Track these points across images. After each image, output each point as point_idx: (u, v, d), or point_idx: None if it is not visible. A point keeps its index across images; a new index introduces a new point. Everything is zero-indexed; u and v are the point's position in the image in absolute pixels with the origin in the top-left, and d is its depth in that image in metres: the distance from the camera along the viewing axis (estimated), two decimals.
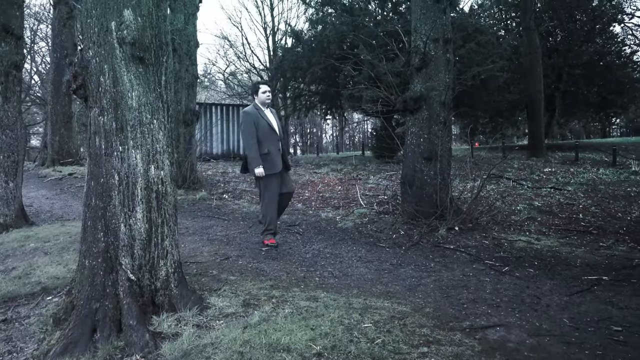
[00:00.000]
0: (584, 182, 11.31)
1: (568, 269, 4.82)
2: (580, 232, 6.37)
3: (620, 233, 6.31)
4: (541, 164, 14.90)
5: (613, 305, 3.87)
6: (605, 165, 14.92)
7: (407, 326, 3.30)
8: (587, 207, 8.25)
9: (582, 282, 4.41)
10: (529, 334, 3.28)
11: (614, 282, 4.42)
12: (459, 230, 6.16)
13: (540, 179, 11.90)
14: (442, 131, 6.50)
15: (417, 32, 6.79)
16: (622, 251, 5.44)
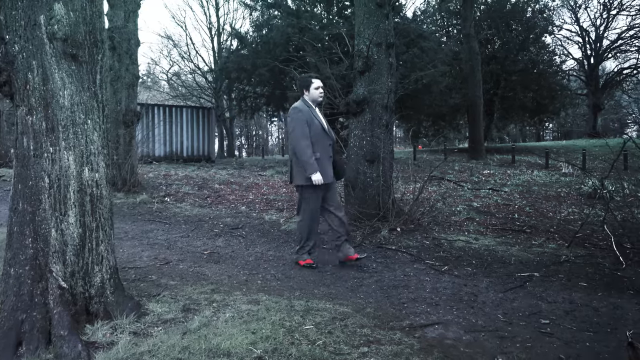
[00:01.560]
0: (519, 184, 11.86)
1: (503, 266, 5.02)
2: (515, 232, 6.65)
3: (551, 231, 6.64)
4: (481, 166, 15.49)
5: (542, 299, 4.06)
6: (539, 167, 15.71)
7: (348, 327, 3.33)
8: (522, 207, 8.63)
9: (515, 279, 4.59)
10: (465, 331, 3.39)
11: (544, 277, 4.64)
12: (401, 231, 6.28)
13: (479, 180, 12.36)
14: (385, 134, 6.62)
15: (361, 36, 6.88)
16: (551, 248, 5.73)
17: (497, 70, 21.62)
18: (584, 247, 5.77)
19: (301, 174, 4.83)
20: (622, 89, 36.64)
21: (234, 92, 23.42)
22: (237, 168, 16.22)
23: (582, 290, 4.31)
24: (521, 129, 39.08)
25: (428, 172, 9.30)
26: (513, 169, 14.97)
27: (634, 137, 12.01)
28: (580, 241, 5.97)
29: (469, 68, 18.78)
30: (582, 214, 7.83)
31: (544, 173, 13.96)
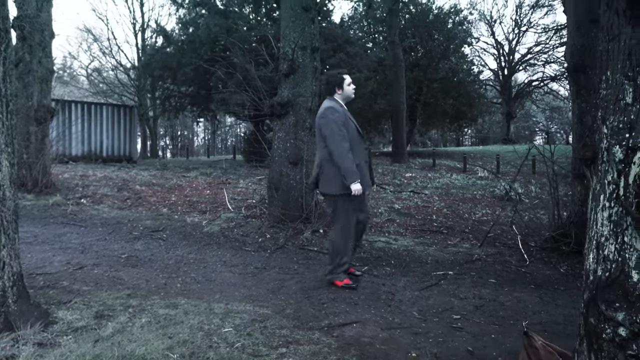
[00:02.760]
0: (439, 187, 12.39)
1: (420, 266, 5.23)
2: (433, 232, 6.95)
3: (466, 232, 7.01)
4: (403, 169, 16.02)
5: (455, 296, 4.28)
6: (457, 171, 16.49)
7: (267, 328, 3.34)
8: (440, 209, 9.03)
9: (431, 278, 4.80)
10: (382, 328, 3.50)
11: (457, 275, 4.89)
12: (324, 232, 6.37)
13: (401, 183, 12.78)
14: (308, 136, 6.69)
15: (286, 39, 6.91)
16: (465, 248, 6.05)
17: (420, 77, 22.46)
18: (494, 246, 6.13)
19: (337, 182, 4.31)
20: (531, 99, 39.39)
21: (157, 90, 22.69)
22: (160, 169, 15.72)
23: (491, 287, 4.58)
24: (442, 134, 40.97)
25: None
26: (434, 172, 15.62)
27: (537, 145, 12.91)
28: (492, 240, 6.34)
29: (394, 74, 19.38)
30: (494, 215, 8.31)
31: (462, 176, 14.67)
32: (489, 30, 39.59)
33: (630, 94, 1.56)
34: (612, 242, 1.59)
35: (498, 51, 36.74)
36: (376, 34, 25.63)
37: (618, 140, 1.58)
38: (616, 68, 1.63)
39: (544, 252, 5.71)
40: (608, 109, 1.65)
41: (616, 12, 1.64)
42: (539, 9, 34.21)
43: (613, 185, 1.59)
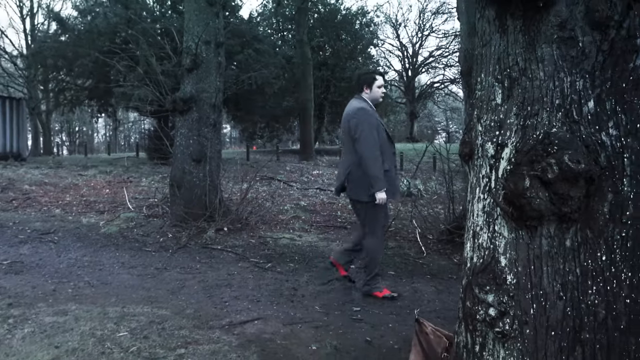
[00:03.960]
0: None
1: (323, 261, 5.32)
2: (337, 228, 7.11)
3: None
4: (311, 166, 16.21)
5: (356, 289, 4.41)
6: None
7: (166, 330, 3.24)
8: (345, 205, 9.24)
9: (334, 272, 4.88)
10: (284, 324, 3.52)
11: (359, 269, 5.02)
12: (228, 230, 6.29)
13: (308, 180, 12.93)
14: (212, 133, 6.57)
15: (190, 32, 6.72)
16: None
17: (328, 76, 22.88)
18: (395, 240, 6.39)
19: (367, 188, 4.03)
20: (433, 100, 41.62)
21: (51, 82, 21.04)
22: (54, 167, 14.62)
23: (390, 278, 4.78)
24: None
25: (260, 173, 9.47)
26: None
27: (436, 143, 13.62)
28: (392, 235, 6.60)
29: (302, 73, 19.56)
30: (395, 211, 8.67)
31: None
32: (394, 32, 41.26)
33: (499, 95, 1.71)
34: (485, 231, 1.73)
35: (402, 53, 38.41)
36: (285, 32, 25.71)
37: (490, 137, 1.72)
38: (488, 71, 1.77)
39: (440, 244, 6.05)
40: (482, 109, 1.79)
41: (487, 20, 1.78)
42: (440, 15, 36.28)
43: (486, 179, 1.73)
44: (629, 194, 1.52)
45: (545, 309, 1.57)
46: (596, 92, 1.53)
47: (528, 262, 1.59)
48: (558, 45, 1.56)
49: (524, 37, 1.63)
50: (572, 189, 1.46)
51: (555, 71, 1.57)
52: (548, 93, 1.57)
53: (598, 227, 1.53)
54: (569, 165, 1.43)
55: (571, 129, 1.52)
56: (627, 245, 1.54)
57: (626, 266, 1.54)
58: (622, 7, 1.49)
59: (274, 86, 17.28)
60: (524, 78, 1.63)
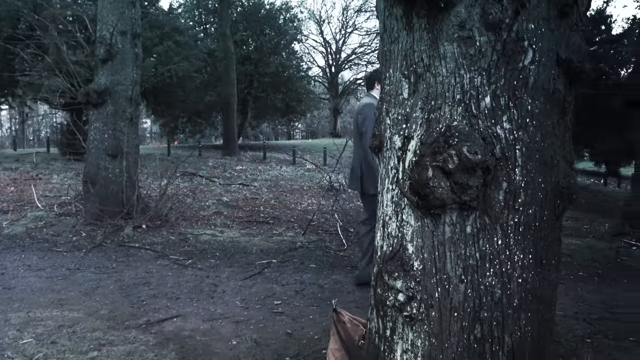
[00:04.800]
0: (268, 179, 12.67)
1: (245, 256, 5.31)
2: (259, 223, 7.09)
3: (291, 221, 7.29)
4: (234, 162, 16.02)
5: (277, 283, 4.43)
6: (287, 163, 17.04)
7: (77, 333, 3.09)
8: (268, 200, 9.25)
9: (255, 267, 4.91)
10: (203, 320, 3.48)
11: (280, 263, 5.08)
12: (147, 228, 6.09)
13: (231, 176, 12.78)
14: (129, 127, 6.32)
15: (103, 21, 6.41)
16: (290, 236, 6.30)
17: (251, 70, 22.65)
18: (317, 233, 6.49)
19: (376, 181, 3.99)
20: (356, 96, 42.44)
21: None
22: None
23: (312, 271, 4.85)
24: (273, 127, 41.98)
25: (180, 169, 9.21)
26: (264, 165, 15.92)
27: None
28: (314, 228, 6.70)
29: (225, 67, 19.23)
30: (318, 205, 8.78)
31: (291, 169, 15.22)
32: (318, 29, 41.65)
33: (406, 89, 1.79)
34: (394, 220, 1.81)
35: (326, 49, 38.82)
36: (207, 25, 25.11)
37: (397, 130, 1.80)
38: (396, 67, 1.84)
39: None
40: (390, 103, 1.86)
41: (395, 18, 1.85)
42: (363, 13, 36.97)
43: (394, 170, 1.81)
44: (520, 183, 1.65)
45: (449, 292, 1.67)
46: (492, 88, 1.64)
47: (433, 249, 1.68)
48: (458, 43, 1.66)
49: (429, 35, 1.72)
50: (471, 179, 1.56)
51: (456, 68, 1.67)
52: (450, 88, 1.67)
53: (495, 213, 1.65)
54: (467, 156, 1.53)
55: (470, 123, 1.63)
56: (519, 230, 1.67)
57: (519, 249, 1.68)
58: (511, 11, 1.61)
59: (196, 80, 16.88)
60: (428, 74, 1.72)
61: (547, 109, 1.71)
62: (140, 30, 6.80)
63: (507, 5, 1.61)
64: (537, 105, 1.68)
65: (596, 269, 5.39)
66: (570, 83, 1.79)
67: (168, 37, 16.03)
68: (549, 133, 1.72)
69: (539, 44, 1.66)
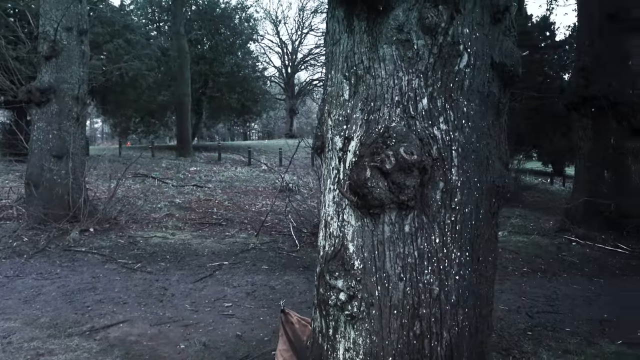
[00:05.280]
0: (223, 180, 12.51)
1: (196, 258, 5.22)
2: (212, 225, 7.00)
3: (245, 223, 7.23)
4: (188, 163, 15.73)
5: (229, 285, 4.39)
6: (242, 164, 16.88)
7: (12, 343, 2.96)
8: (222, 201, 9.14)
9: (206, 269, 4.84)
10: (151, 325, 3.40)
11: (232, 265, 5.03)
12: (95, 231, 5.90)
13: (185, 177, 12.54)
14: (75, 127, 6.10)
15: (47, 16, 6.16)
16: (242, 238, 6.24)
17: (206, 70, 22.28)
18: (270, 234, 6.46)
19: None
20: (312, 97, 42.57)
21: None
22: None
23: (264, 273, 4.82)
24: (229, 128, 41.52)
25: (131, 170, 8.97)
26: (219, 166, 15.70)
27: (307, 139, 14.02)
28: (268, 229, 6.67)
29: (179, 66, 18.83)
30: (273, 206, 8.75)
31: (246, 169, 15.08)
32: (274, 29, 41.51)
33: (347, 91, 1.81)
34: (335, 220, 1.82)
35: (282, 50, 38.72)
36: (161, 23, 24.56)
37: (338, 131, 1.82)
38: (338, 68, 1.86)
39: (313, 237, 6.22)
40: (332, 104, 1.88)
41: (337, 20, 1.87)
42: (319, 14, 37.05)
43: (336, 171, 1.82)
44: (457, 182, 1.70)
45: (389, 290, 1.70)
46: (429, 90, 1.68)
47: (373, 248, 1.71)
48: (397, 46, 1.70)
49: (368, 37, 1.75)
50: (408, 178, 1.60)
51: (394, 70, 1.70)
52: (388, 90, 1.70)
53: (432, 213, 1.69)
54: (404, 157, 1.57)
55: (408, 124, 1.67)
56: (456, 228, 1.72)
57: (456, 247, 1.73)
58: (447, 16, 1.66)
59: (148, 79, 16.47)
60: (368, 76, 1.74)
61: (482, 111, 1.76)
62: (88, 26, 6.58)
63: (443, 10, 1.65)
64: (472, 107, 1.73)
65: (540, 264, 5.60)
66: (504, 86, 1.85)
67: (119, 34, 15.58)
68: (484, 134, 1.78)
69: (474, 48, 1.71)
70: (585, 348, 3.25)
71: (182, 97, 18.68)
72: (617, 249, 6.37)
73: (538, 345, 3.29)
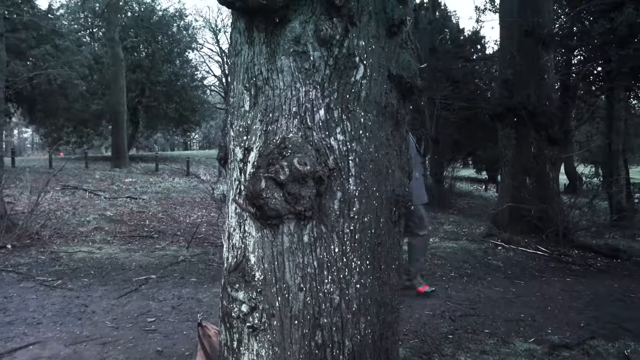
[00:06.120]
0: (159, 191, 12.19)
1: (123, 273, 5.04)
2: (143, 237, 6.79)
3: (177, 235, 7.07)
4: (123, 174, 15.23)
5: (154, 299, 4.26)
6: (180, 175, 16.52)
7: None
8: (156, 213, 8.89)
9: (132, 284, 4.68)
10: (66, 345, 3.24)
11: (160, 278, 4.89)
12: (12, 247, 5.58)
13: (119, 189, 12.12)
14: None
15: None
16: (173, 250, 6.10)
17: (143, 79, 21.71)
18: (202, 246, 6.35)
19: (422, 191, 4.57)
20: None
21: None
22: None
23: (192, 285, 4.72)
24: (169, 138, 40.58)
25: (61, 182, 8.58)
26: (156, 177, 15.30)
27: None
28: (200, 241, 6.54)
29: (113, 74, 18.26)
30: (209, 217, 8.61)
31: (184, 180, 14.76)
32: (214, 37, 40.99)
33: (247, 102, 1.81)
34: (237, 231, 1.81)
35: (222, 59, 38.34)
36: (95, 29, 23.74)
37: (239, 142, 1.81)
38: (239, 79, 1.86)
39: None
40: (234, 115, 1.87)
41: (239, 31, 1.87)
42: None
43: (237, 182, 1.81)
44: (355, 192, 1.73)
45: (289, 301, 1.70)
46: (326, 101, 1.71)
47: (273, 259, 1.71)
48: (294, 57, 1.71)
49: (267, 48, 1.75)
50: (303, 189, 1.61)
51: (292, 81, 1.71)
52: (286, 101, 1.71)
53: (330, 222, 1.71)
54: (297, 167, 1.58)
55: (305, 135, 1.68)
56: (355, 237, 1.75)
57: (356, 256, 1.75)
58: (342, 28, 1.69)
59: (80, 87, 15.85)
60: (267, 87, 1.75)
61: (380, 121, 1.81)
62: (3, 29, 6.25)
63: (338, 22, 1.69)
64: (370, 117, 1.77)
65: (466, 269, 5.80)
66: (403, 97, 1.91)
67: (46, 40, 14.93)
68: (383, 144, 1.82)
69: (370, 60, 1.76)
70: (500, 348, 3.39)
71: (117, 106, 18.11)
72: (538, 251, 6.71)
73: (458, 348, 3.39)
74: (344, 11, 1.68)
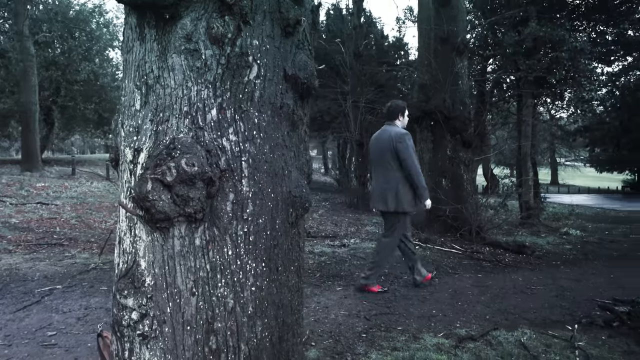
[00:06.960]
0: (74, 196, 11.55)
1: (24, 284, 4.71)
2: (51, 245, 6.38)
3: (91, 241, 6.71)
4: (35, 178, 14.30)
5: (58, 311, 4.00)
6: (100, 179, 15.75)
7: None
8: (69, 219, 8.40)
9: (33, 295, 4.37)
10: None
11: (66, 288, 4.61)
12: None
13: (29, 194, 11.36)
14: None
15: None
16: (83, 258, 5.77)
17: (58, 77, 20.50)
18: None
19: (410, 200, 4.77)
20: None
21: None
22: None
23: (102, 294, 4.48)
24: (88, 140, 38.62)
25: None
26: (72, 181, 14.48)
27: None
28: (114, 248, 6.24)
29: (22, 70, 17.08)
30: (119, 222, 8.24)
31: (103, 185, 14.09)
32: None
33: (138, 101, 1.74)
34: (128, 236, 1.74)
35: None
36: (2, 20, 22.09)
37: (129, 142, 1.73)
38: (130, 77, 1.78)
39: None
40: (124, 114, 1.79)
41: (130, 27, 1.80)
42: None
43: (128, 184, 1.74)
44: (248, 193, 1.71)
45: (180, 306, 1.65)
46: (218, 101, 1.68)
47: (163, 263, 1.65)
48: (185, 56, 1.67)
49: (158, 46, 1.69)
50: (192, 191, 1.57)
51: (184, 80, 1.67)
52: (177, 101, 1.66)
53: (223, 224, 1.67)
54: (184, 168, 1.53)
55: (196, 135, 1.64)
56: (250, 239, 1.72)
57: (250, 258, 1.73)
58: (234, 27, 1.67)
59: None
60: (158, 85, 1.69)
61: (275, 122, 1.80)
62: None
63: (230, 20, 1.66)
64: (264, 118, 1.76)
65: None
66: (300, 98, 1.91)
67: None
68: (279, 145, 1.81)
69: (264, 59, 1.74)
70: (411, 344, 3.49)
71: (28, 105, 16.96)
72: (452, 249, 7.01)
73: (370, 346, 3.45)
74: (236, 9, 1.66)
